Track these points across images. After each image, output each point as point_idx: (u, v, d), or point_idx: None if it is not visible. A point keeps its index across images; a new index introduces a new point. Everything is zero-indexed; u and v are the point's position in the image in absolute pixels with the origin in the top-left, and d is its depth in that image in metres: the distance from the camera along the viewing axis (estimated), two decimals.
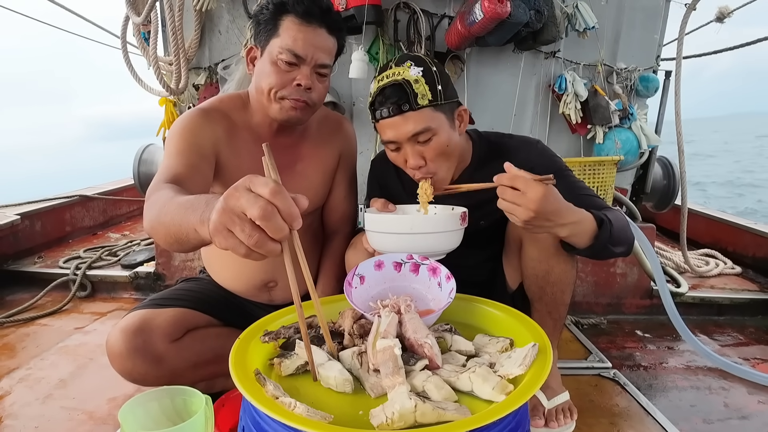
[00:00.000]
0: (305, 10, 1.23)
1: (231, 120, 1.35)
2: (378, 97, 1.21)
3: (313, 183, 1.44)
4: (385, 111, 1.19)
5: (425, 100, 1.18)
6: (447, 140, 1.23)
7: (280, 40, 1.24)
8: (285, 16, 1.24)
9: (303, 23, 1.23)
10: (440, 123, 1.21)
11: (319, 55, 1.26)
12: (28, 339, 1.97)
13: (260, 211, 0.65)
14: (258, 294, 1.50)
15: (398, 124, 1.19)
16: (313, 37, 1.25)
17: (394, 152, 1.27)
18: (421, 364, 0.89)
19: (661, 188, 2.58)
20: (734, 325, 2.17)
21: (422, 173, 1.25)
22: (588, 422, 1.39)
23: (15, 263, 2.70)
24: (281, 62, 1.25)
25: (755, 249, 2.67)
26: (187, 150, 1.22)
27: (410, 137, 1.20)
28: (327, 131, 1.48)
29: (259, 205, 0.65)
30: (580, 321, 2.13)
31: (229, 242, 0.68)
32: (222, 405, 1.20)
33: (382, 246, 1.20)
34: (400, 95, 1.17)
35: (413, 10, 2.13)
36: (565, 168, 1.34)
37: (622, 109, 2.24)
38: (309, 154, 1.44)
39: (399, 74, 1.19)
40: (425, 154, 1.23)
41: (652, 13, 2.26)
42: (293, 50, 1.23)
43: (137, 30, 2.20)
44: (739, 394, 1.58)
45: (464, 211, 1.20)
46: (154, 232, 0.96)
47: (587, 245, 1.12)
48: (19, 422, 1.40)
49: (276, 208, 0.66)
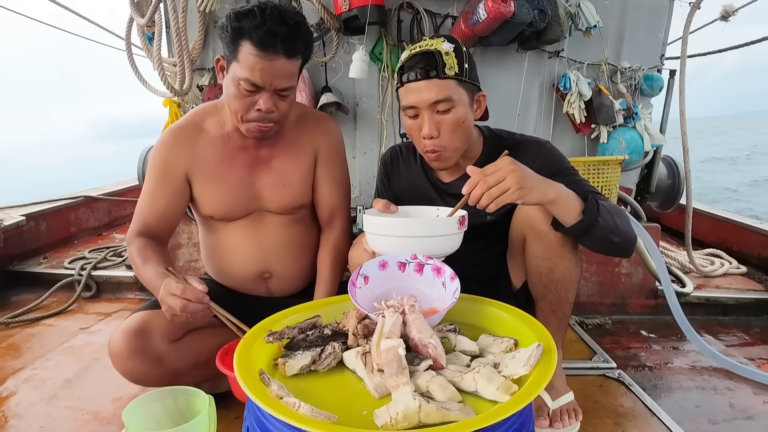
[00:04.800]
0: (261, 40, 1.19)
1: (204, 130, 1.42)
2: (408, 62, 1.26)
3: (290, 179, 1.46)
4: (412, 74, 1.24)
5: (452, 72, 1.23)
6: (464, 116, 1.27)
7: (239, 67, 1.23)
8: (243, 42, 1.21)
9: (260, 54, 1.20)
10: (461, 97, 1.25)
11: (278, 81, 1.25)
12: (34, 339, 1.98)
13: (179, 307, 1.13)
14: (255, 287, 1.52)
15: (422, 88, 1.23)
16: (270, 67, 1.22)
17: (411, 119, 1.30)
18: (425, 364, 0.89)
19: (665, 188, 2.56)
20: (739, 325, 2.15)
21: (433, 144, 1.28)
22: (593, 423, 1.38)
23: (20, 264, 2.71)
24: (242, 88, 1.25)
25: (761, 249, 2.65)
26: (158, 189, 1.40)
27: (431, 104, 1.24)
28: (304, 130, 1.48)
29: (176, 304, 1.13)
30: (584, 321, 2.12)
31: (171, 317, 1.17)
32: (225, 353, 1.24)
33: (380, 248, 1.20)
34: (429, 62, 1.22)
35: (416, 10, 2.13)
36: (571, 168, 1.34)
37: (626, 108, 2.23)
38: (284, 152, 1.46)
39: (431, 45, 1.24)
40: (441, 125, 1.26)
41: (656, 11, 2.25)
42: (251, 80, 1.22)
43: (141, 31, 2.21)
44: (744, 395, 1.57)
45: (463, 215, 1.19)
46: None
47: (577, 219, 1.14)
48: (25, 422, 1.41)
49: (187, 300, 1.12)
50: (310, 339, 1.00)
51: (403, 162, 1.51)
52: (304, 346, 0.98)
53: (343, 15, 2.01)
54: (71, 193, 3.47)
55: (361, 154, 2.38)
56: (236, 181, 1.41)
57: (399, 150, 1.54)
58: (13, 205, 3.04)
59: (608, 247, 1.21)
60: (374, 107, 2.33)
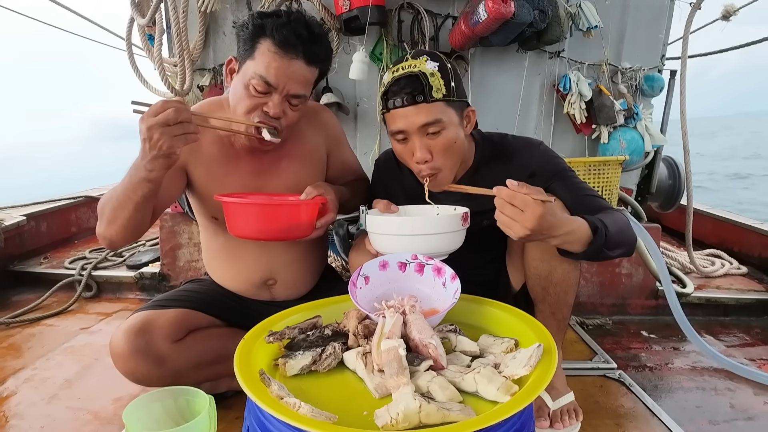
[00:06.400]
0: (283, 38, 1.18)
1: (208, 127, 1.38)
2: (392, 87, 1.21)
3: (302, 177, 1.42)
4: (398, 100, 1.20)
5: (439, 94, 1.19)
6: (455, 137, 1.24)
7: (254, 63, 1.20)
8: (263, 40, 1.19)
9: (279, 52, 1.19)
10: (450, 118, 1.22)
11: (292, 85, 1.22)
12: (34, 339, 1.98)
13: (172, 116, 1.02)
14: (259, 293, 1.50)
15: (410, 114, 1.20)
16: (288, 67, 1.20)
17: (401, 144, 1.27)
18: (425, 364, 0.89)
19: (666, 188, 2.56)
20: (740, 326, 2.15)
21: (428, 168, 1.25)
22: (593, 423, 1.38)
23: (21, 264, 2.72)
24: (252, 88, 1.21)
25: (761, 249, 2.65)
26: None
27: (420, 127, 1.20)
28: (306, 122, 1.46)
29: (166, 116, 1.02)
30: (585, 321, 2.12)
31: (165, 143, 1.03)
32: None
33: (383, 247, 1.20)
34: (416, 86, 1.18)
35: (417, 11, 2.13)
36: (568, 169, 1.33)
37: (626, 108, 2.23)
38: (293, 150, 1.43)
39: (415, 66, 1.20)
40: (432, 148, 1.23)
41: (656, 12, 2.25)
42: (265, 78, 1.19)
43: (142, 31, 2.21)
44: (745, 395, 1.57)
45: (466, 212, 1.20)
46: (108, 220, 1.20)
47: (581, 251, 1.12)
48: (25, 422, 1.41)
49: (173, 108, 1.03)
50: (310, 339, 1.00)
51: (397, 168, 1.48)
52: (305, 346, 0.98)
53: (344, 15, 2.01)
54: (72, 193, 3.48)
55: (361, 154, 2.38)
56: (242, 185, 1.38)
57: (393, 155, 1.52)
58: (14, 205, 3.05)
59: (605, 260, 1.22)
60: (374, 107, 2.33)
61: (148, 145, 1.04)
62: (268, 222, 1.21)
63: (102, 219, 1.22)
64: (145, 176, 1.10)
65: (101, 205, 1.22)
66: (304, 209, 1.25)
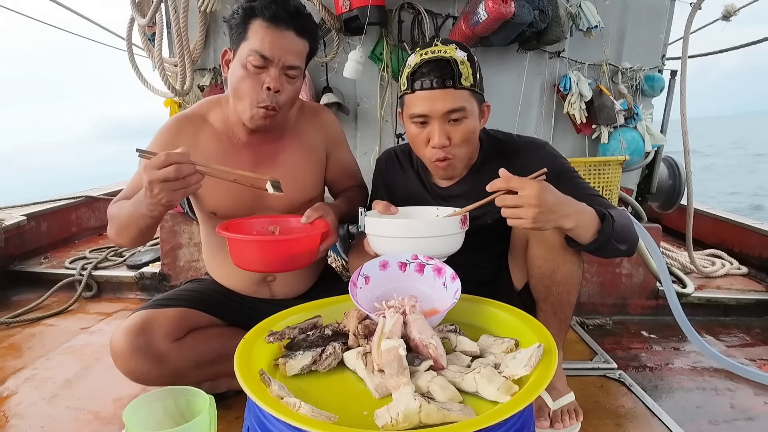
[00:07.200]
0: (273, 14, 1.25)
1: (208, 123, 1.41)
2: (422, 68, 1.21)
3: (300, 172, 1.45)
4: (427, 82, 1.20)
5: (467, 83, 1.21)
6: (474, 128, 1.26)
7: (248, 43, 1.26)
8: (253, 20, 1.26)
9: (270, 26, 1.25)
10: (472, 108, 1.24)
11: (287, 56, 1.27)
12: (34, 339, 1.98)
13: (173, 172, 1.04)
14: (258, 290, 1.50)
15: (437, 97, 1.20)
16: (281, 39, 1.26)
17: (419, 127, 1.27)
18: (425, 364, 0.89)
19: (666, 188, 2.56)
20: (740, 326, 2.15)
21: (444, 153, 1.26)
22: (593, 423, 1.38)
23: (21, 264, 2.72)
24: (250, 65, 1.26)
25: (761, 249, 2.65)
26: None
27: (444, 113, 1.21)
28: (306, 120, 1.49)
29: (166, 172, 1.04)
30: (585, 322, 2.12)
31: (165, 196, 1.07)
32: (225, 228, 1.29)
33: (382, 249, 1.20)
34: (446, 71, 1.19)
35: (417, 11, 2.13)
36: (571, 170, 1.34)
37: (627, 108, 2.23)
38: (291, 144, 1.45)
39: (446, 52, 1.21)
40: (452, 134, 1.24)
41: (657, 12, 2.25)
42: (260, 52, 1.25)
43: (142, 31, 2.21)
44: (745, 396, 1.57)
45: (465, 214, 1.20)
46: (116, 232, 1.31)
47: (592, 239, 1.12)
48: (25, 422, 1.41)
49: (175, 162, 1.05)
50: (310, 339, 1.00)
51: (399, 166, 1.50)
52: (305, 346, 0.98)
53: (344, 15, 2.01)
54: (72, 193, 3.47)
55: (362, 154, 2.38)
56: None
57: (394, 153, 1.53)
58: (14, 205, 3.05)
59: (614, 256, 1.21)
60: (375, 107, 2.33)
61: (149, 194, 1.09)
62: (271, 256, 1.24)
63: (111, 227, 1.32)
64: (147, 213, 1.16)
65: (110, 214, 1.32)
66: (307, 241, 1.27)
